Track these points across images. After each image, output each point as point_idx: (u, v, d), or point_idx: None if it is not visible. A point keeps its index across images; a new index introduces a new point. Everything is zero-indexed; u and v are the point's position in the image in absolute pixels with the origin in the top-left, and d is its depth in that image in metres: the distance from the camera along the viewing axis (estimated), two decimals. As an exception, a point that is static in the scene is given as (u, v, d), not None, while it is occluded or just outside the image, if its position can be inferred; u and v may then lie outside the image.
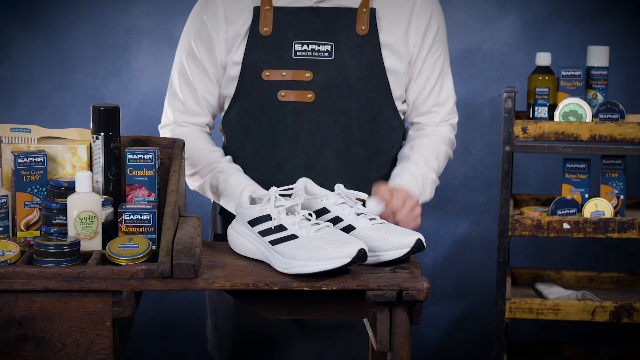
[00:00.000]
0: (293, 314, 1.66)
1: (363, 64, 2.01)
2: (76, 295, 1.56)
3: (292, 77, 2.00)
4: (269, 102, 2.01)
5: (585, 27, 3.16)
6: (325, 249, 1.56)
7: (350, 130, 2.01)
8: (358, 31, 2.01)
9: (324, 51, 2.00)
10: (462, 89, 3.22)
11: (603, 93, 2.64)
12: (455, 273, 3.30)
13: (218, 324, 2.16)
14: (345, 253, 1.56)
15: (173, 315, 3.33)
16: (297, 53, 2.00)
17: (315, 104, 2.00)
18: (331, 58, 2.00)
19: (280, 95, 2.00)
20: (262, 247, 1.66)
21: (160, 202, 1.77)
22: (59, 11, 3.24)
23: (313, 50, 2.00)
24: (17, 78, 3.26)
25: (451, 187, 3.27)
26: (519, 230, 2.58)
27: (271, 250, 1.64)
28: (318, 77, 2.00)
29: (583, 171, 2.65)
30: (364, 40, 2.00)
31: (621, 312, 2.56)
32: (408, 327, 1.61)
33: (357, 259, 1.56)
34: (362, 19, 2.01)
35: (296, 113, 2.00)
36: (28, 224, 1.70)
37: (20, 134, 1.74)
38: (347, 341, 2.08)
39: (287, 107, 2.00)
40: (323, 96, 2.00)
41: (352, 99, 2.01)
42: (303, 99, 2.00)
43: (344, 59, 2.00)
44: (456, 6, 3.20)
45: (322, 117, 2.01)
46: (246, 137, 2.04)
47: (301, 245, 1.59)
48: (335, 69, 2.00)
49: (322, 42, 2.00)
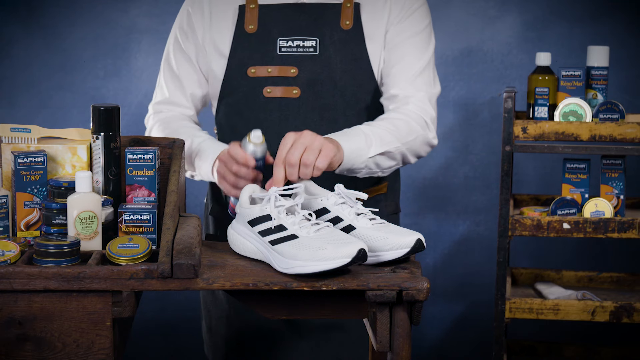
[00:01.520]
0: (293, 314, 1.66)
1: (348, 59, 2.00)
2: (76, 295, 1.56)
3: (277, 73, 2.00)
4: (254, 99, 2.01)
5: (585, 27, 3.16)
6: (325, 249, 1.56)
7: (337, 126, 2.00)
8: (342, 26, 2.01)
9: (308, 47, 2.00)
10: (462, 89, 3.22)
11: (603, 93, 2.64)
12: (455, 273, 3.31)
13: (212, 325, 2.16)
14: (345, 253, 1.56)
15: (173, 315, 3.33)
16: (282, 49, 2.00)
17: (300, 100, 2.01)
18: (316, 53, 2.00)
19: (266, 92, 2.01)
20: (262, 247, 1.66)
21: (160, 202, 1.77)
22: (59, 11, 3.24)
23: (298, 46, 2.00)
24: (17, 78, 3.26)
25: (451, 187, 3.27)
26: (519, 230, 2.58)
27: (271, 250, 1.64)
28: (303, 73, 2.00)
29: (583, 171, 2.65)
30: (348, 34, 2.01)
31: (621, 312, 2.56)
32: (408, 327, 1.61)
33: (357, 259, 1.56)
34: (347, 14, 2.01)
35: (282, 109, 2.01)
36: (28, 224, 1.70)
37: (20, 134, 1.74)
38: (338, 342, 2.08)
39: (273, 104, 2.01)
40: (308, 92, 2.00)
41: (337, 94, 2.01)
42: (289, 95, 2.00)
43: (329, 54, 2.00)
44: (456, 6, 3.20)
45: (308, 112, 2.01)
46: (234, 134, 2.05)
47: (301, 245, 1.59)
48: (320, 64, 2.00)
49: (307, 37, 2.00)
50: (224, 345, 2.13)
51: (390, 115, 1.99)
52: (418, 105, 2.01)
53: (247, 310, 2.06)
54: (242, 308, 2.08)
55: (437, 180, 3.28)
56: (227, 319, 2.12)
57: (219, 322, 2.13)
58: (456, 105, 3.23)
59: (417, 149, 2.01)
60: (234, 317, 2.11)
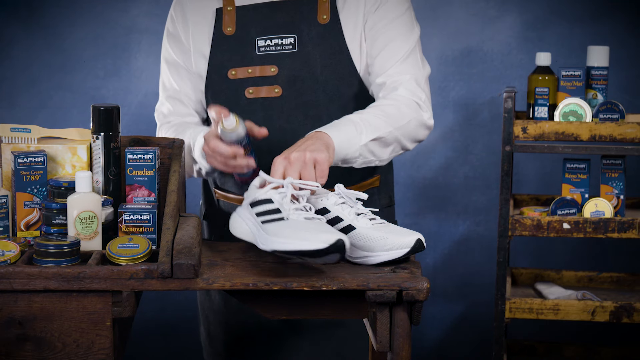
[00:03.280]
0: (293, 314, 1.66)
1: (327, 53, 1.99)
2: (76, 295, 1.56)
3: (258, 73, 2.00)
4: (237, 101, 2.01)
5: (585, 27, 3.16)
6: (307, 232, 1.57)
7: (321, 122, 1.98)
8: (320, 20, 1.99)
9: (287, 44, 2.00)
10: (462, 89, 3.22)
11: (603, 93, 2.64)
12: (455, 273, 3.31)
13: (210, 331, 2.16)
14: (325, 239, 1.55)
15: (173, 315, 3.33)
16: (260, 49, 2.00)
17: (283, 98, 2.00)
18: (295, 50, 1.99)
19: (248, 93, 2.00)
20: (254, 227, 1.67)
21: (160, 202, 1.77)
22: (59, 11, 3.24)
23: (277, 44, 2.00)
24: (17, 78, 3.26)
25: (451, 187, 3.27)
26: (519, 230, 2.58)
27: (260, 228, 1.64)
28: (283, 71, 1.99)
29: (583, 171, 2.65)
30: (326, 29, 1.99)
31: (621, 312, 2.56)
32: (408, 327, 1.61)
33: (334, 247, 1.54)
34: (323, 8, 2.00)
35: (265, 109, 2.00)
36: (28, 224, 1.70)
37: (20, 134, 1.74)
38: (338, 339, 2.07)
39: (255, 104, 2.00)
40: (290, 89, 2.00)
41: (319, 90, 2.00)
42: (270, 94, 2.00)
43: (308, 50, 1.99)
44: (456, 6, 3.20)
45: (291, 111, 2.00)
46: None
47: (287, 225, 1.60)
48: (300, 60, 1.99)
49: (285, 35, 1.99)
50: (225, 350, 2.13)
51: (380, 102, 1.96)
52: (408, 88, 1.97)
53: (244, 313, 2.06)
54: (239, 311, 2.08)
55: (437, 180, 3.28)
56: (226, 324, 2.11)
57: (218, 327, 2.13)
58: (456, 105, 3.23)
59: (413, 132, 1.97)
60: (232, 321, 2.10)
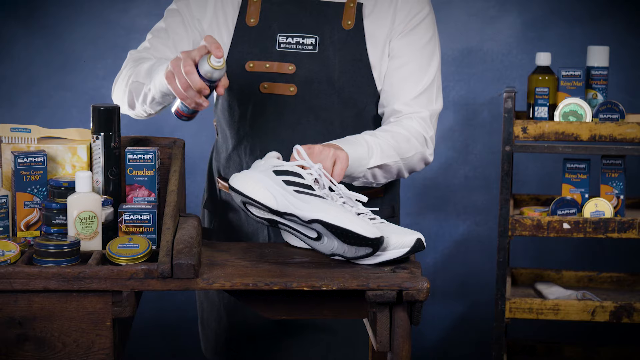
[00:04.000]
0: (293, 314, 1.66)
1: (347, 59, 1.98)
2: (76, 295, 1.56)
3: (275, 69, 1.98)
4: (251, 94, 2.00)
5: (585, 27, 3.17)
6: (355, 217, 1.63)
7: (332, 127, 1.99)
8: (344, 25, 1.98)
9: (308, 44, 1.98)
10: (462, 89, 3.22)
11: (603, 93, 2.64)
12: (455, 273, 3.31)
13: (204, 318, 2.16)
14: (373, 231, 1.62)
15: (173, 315, 3.33)
16: (281, 45, 1.99)
17: (296, 98, 1.99)
18: (315, 52, 1.98)
19: (263, 87, 1.99)
20: (281, 192, 1.68)
21: (160, 202, 1.77)
22: (59, 11, 3.24)
23: (297, 43, 1.99)
24: (17, 78, 3.26)
25: (451, 187, 3.27)
26: (519, 230, 2.58)
27: (293, 196, 1.67)
28: (301, 71, 1.98)
29: (583, 171, 2.65)
30: (349, 35, 1.98)
31: (621, 312, 2.56)
32: (408, 327, 1.61)
33: (377, 242, 1.62)
34: (349, 14, 1.99)
35: (277, 106, 1.99)
36: (28, 224, 1.70)
37: (20, 134, 1.74)
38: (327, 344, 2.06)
39: (268, 100, 1.99)
40: (305, 90, 1.98)
41: (334, 95, 1.98)
42: (285, 92, 1.99)
43: (328, 53, 1.98)
44: (456, 6, 3.20)
45: (303, 111, 1.99)
46: (229, 129, 2.04)
47: (329, 204, 1.65)
48: (319, 63, 1.98)
49: (307, 35, 1.98)
50: (214, 339, 2.14)
51: (393, 129, 1.97)
52: (420, 122, 1.99)
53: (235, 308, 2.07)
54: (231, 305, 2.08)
55: (437, 180, 3.28)
56: (217, 313, 2.12)
57: (210, 315, 2.14)
58: (456, 105, 3.23)
59: (414, 165, 2.00)
60: (223, 313, 2.10)
